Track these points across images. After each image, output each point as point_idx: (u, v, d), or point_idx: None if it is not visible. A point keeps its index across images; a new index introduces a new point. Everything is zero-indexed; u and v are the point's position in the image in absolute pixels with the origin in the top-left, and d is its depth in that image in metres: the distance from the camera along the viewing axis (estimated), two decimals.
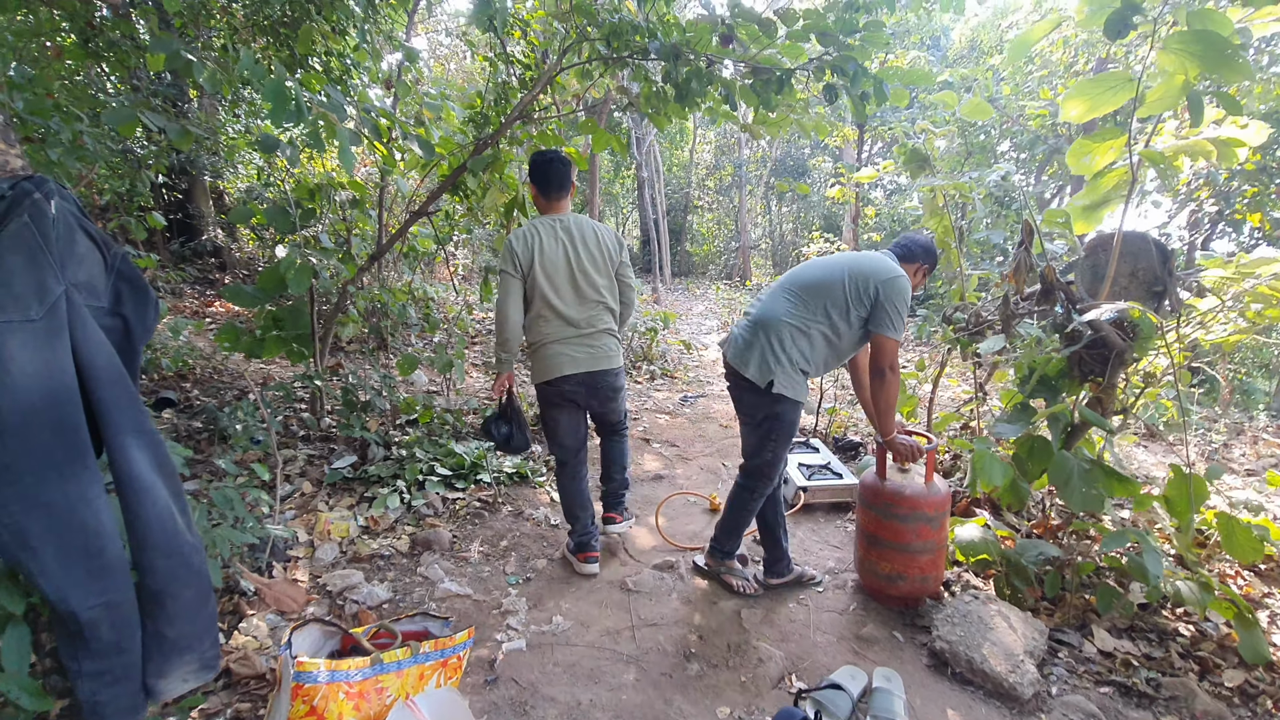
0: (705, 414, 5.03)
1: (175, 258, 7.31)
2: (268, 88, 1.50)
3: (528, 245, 2.46)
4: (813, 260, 2.43)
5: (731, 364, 2.36)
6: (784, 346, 2.24)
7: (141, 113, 3.08)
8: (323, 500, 3.11)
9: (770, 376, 2.23)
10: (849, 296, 2.23)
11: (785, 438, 2.35)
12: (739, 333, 2.38)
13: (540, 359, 2.53)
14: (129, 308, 1.45)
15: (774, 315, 2.28)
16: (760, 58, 3.23)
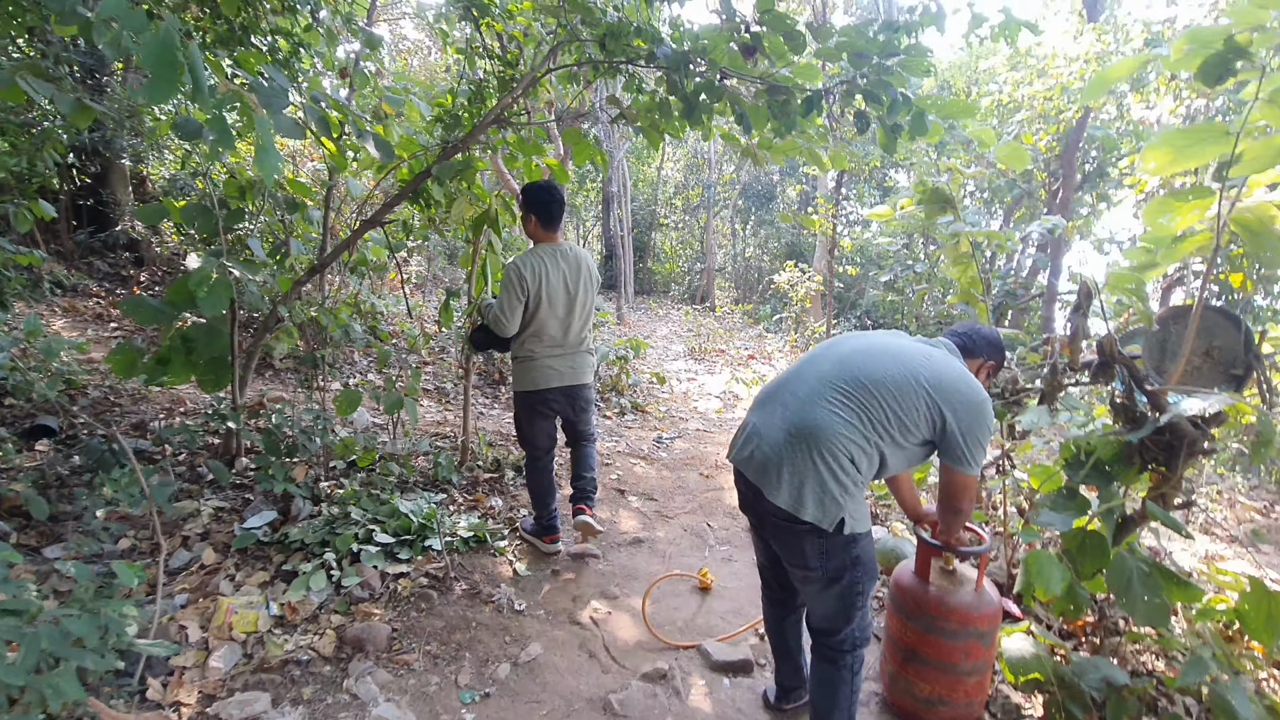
0: (683, 459, 4.57)
1: (81, 249, 6.41)
2: (146, 45, 0.97)
3: (535, 275, 2.70)
4: (862, 343, 1.81)
5: (765, 492, 1.65)
6: (845, 468, 1.61)
7: (23, 78, 2.45)
8: (227, 575, 2.49)
9: (840, 514, 1.59)
10: (927, 414, 1.65)
11: (872, 581, 1.75)
12: (767, 446, 1.68)
13: (527, 370, 2.80)
14: None
15: (825, 425, 1.61)
16: (780, 76, 2.84)
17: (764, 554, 1.98)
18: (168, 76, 1.01)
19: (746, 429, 1.79)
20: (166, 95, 1.03)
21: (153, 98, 1.03)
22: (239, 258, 3.03)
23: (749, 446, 1.74)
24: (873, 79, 2.60)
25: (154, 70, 1.01)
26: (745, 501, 1.83)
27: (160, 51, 0.99)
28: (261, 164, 1.20)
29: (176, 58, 1.01)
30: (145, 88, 1.02)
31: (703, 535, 3.46)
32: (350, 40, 4.30)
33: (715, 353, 9.41)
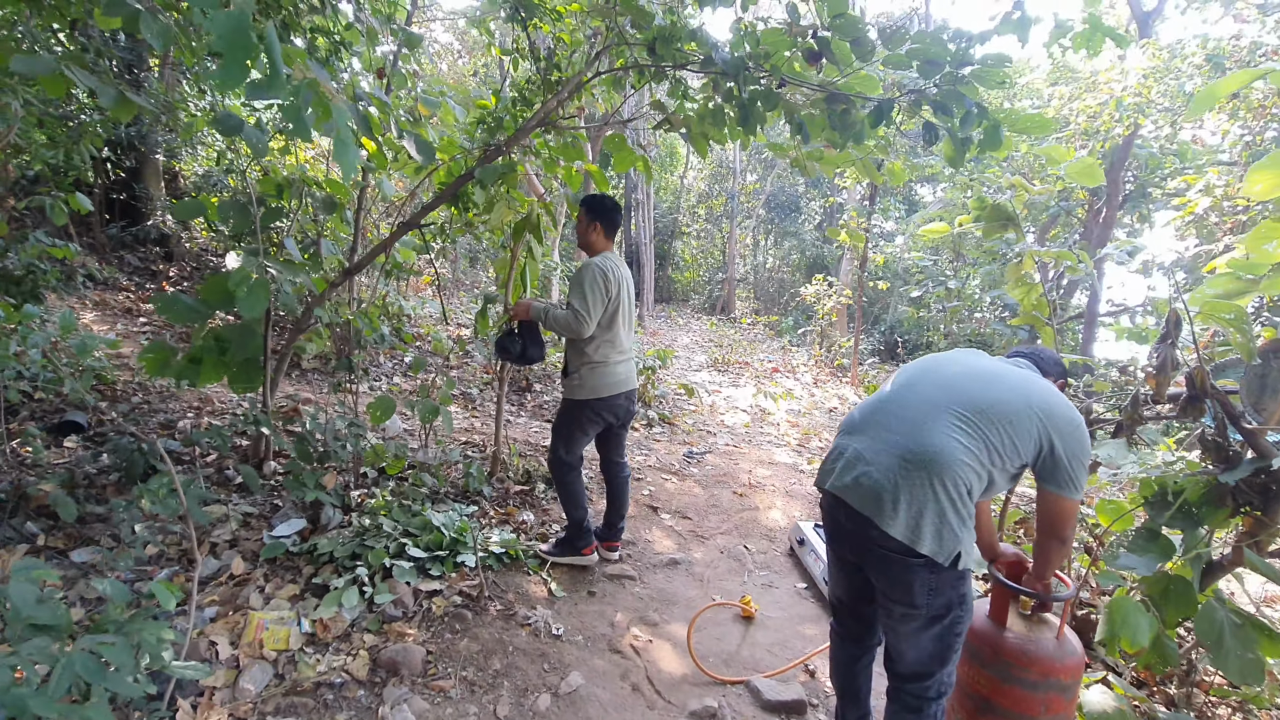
0: (715, 475, 4.44)
1: (113, 243, 6.42)
2: (219, 25, 0.87)
3: (615, 278, 2.69)
4: (965, 366, 1.71)
5: (878, 521, 1.53)
6: (964, 498, 1.51)
7: (67, 68, 2.40)
8: (256, 587, 2.39)
9: (958, 547, 1.49)
10: (1036, 440, 1.56)
11: (970, 622, 1.65)
12: (878, 473, 1.55)
13: (600, 376, 2.72)
14: None
15: (946, 452, 1.51)
16: (841, 85, 2.72)
17: (845, 588, 1.83)
18: (240, 60, 0.91)
19: (844, 453, 1.67)
20: (239, 79, 0.93)
21: (224, 82, 0.93)
22: (276, 258, 2.97)
23: (851, 472, 1.61)
24: (945, 89, 2.47)
25: (227, 52, 0.91)
26: (840, 531, 1.69)
27: (234, 31, 0.89)
28: (341, 159, 1.10)
29: (251, 39, 0.91)
30: (217, 72, 0.92)
31: (741, 559, 3.33)
32: (387, 40, 4.25)
33: (739, 364, 9.26)
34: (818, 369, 9.47)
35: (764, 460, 4.96)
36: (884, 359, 11.11)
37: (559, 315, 2.68)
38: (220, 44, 0.90)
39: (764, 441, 5.58)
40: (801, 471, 4.80)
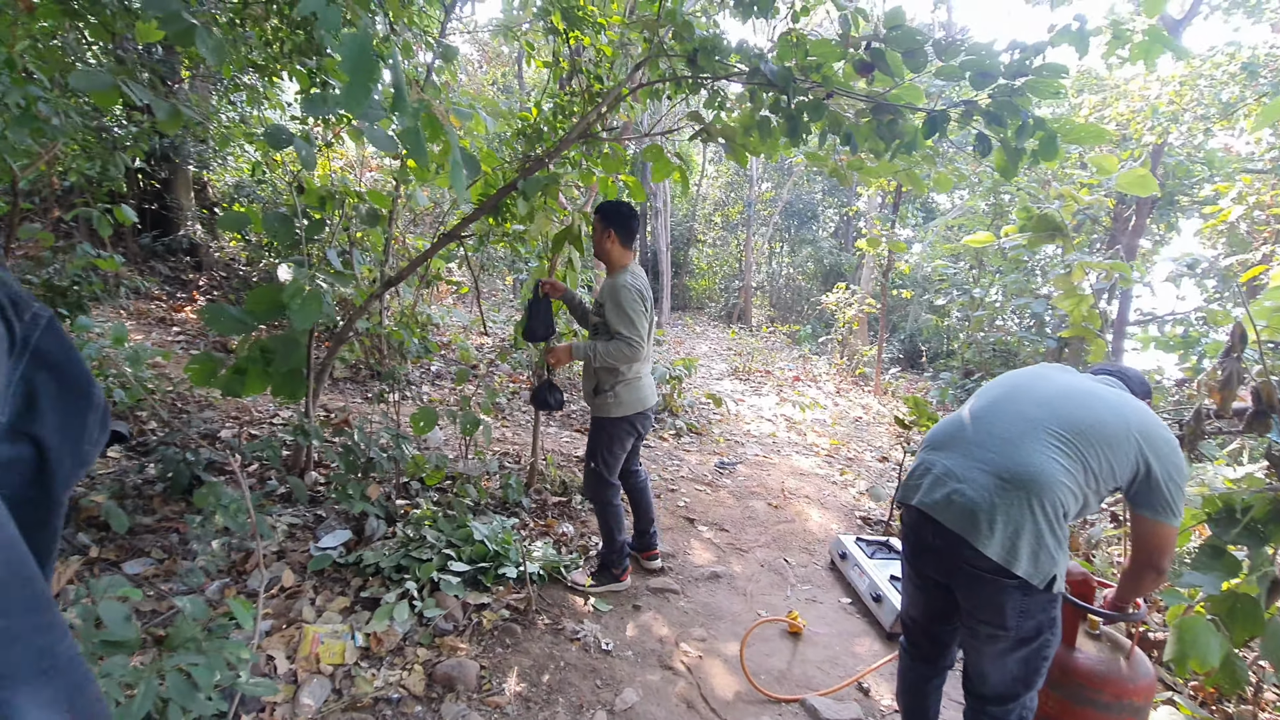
0: (748, 486, 4.41)
1: (146, 253, 6.50)
2: (346, 46, 0.87)
3: (645, 290, 2.66)
4: (1060, 385, 1.66)
5: (972, 541, 1.49)
6: (1061, 521, 1.48)
7: (124, 82, 2.43)
8: (307, 599, 2.39)
9: (1053, 569, 1.46)
10: (1134, 463, 1.52)
11: (1056, 648, 1.62)
12: (972, 491, 1.52)
13: (634, 390, 2.70)
14: (49, 421, 0.78)
15: (1045, 473, 1.48)
16: (889, 96, 2.71)
17: (921, 607, 1.80)
18: (365, 82, 0.91)
19: (933, 470, 1.64)
20: (363, 101, 0.93)
21: (349, 105, 0.92)
22: (323, 270, 2.99)
23: (941, 489, 1.58)
24: (999, 100, 2.45)
25: (352, 74, 0.90)
26: (925, 548, 1.65)
27: (359, 54, 0.89)
28: (455, 181, 1.09)
29: (374, 61, 0.91)
30: (342, 95, 0.92)
31: (782, 572, 3.29)
32: (421, 54, 4.29)
33: (760, 373, 9.22)
34: (839, 377, 9.40)
35: (795, 471, 4.92)
36: (905, 368, 11.02)
37: (608, 349, 2.56)
38: (346, 66, 0.90)
39: (792, 451, 5.54)
40: (834, 483, 4.76)
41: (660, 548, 3.25)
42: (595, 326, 2.74)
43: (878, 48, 2.46)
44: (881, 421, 7.19)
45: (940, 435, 1.74)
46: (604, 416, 2.71)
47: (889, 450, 5.91)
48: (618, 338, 2.56)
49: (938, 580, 1.66)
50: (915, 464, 1.74)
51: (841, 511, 4.19)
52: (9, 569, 0.69)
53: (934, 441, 1.73)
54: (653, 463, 4.61)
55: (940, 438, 1.73)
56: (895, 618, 2.78)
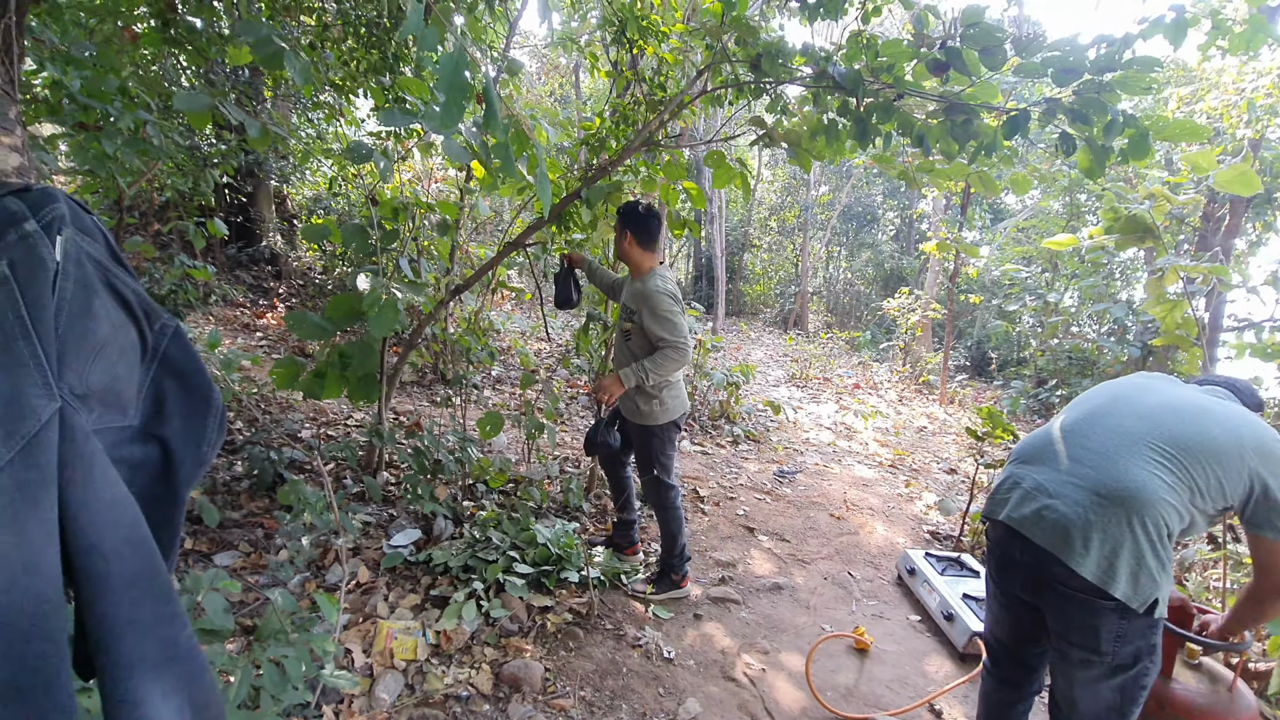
0: (808, 496, 4.31)
1: (231, 263, 6.93)
2: (442, 67, 0.91)
3: (676, 293, 2.58)
4: (1166, 397, 1.56)
5: (1066, 559, 1.42)
6: (1164, 541, 1.39)
7: (221, 104, 2.60)
8: (381, 595, 2.48)
9: (1155, 593, 1.38)
10: (1247, 482, 1.41)
11: (1154, 677, 1.51)
12: (1065, 507, 1.45)
13: (677, 394, 2.70)
14: (174, 424, 0.84)
15: (1147, 489, 1.39)
16: (963, 95, 2.62)
17: (1008, 628, 1.71)
18: (459, 99, 0.95)
19: (1023, 484, 1.57)
20: (457, 120, 0.97)
21: (444, 124, 0.96)
22: (396, 278, 3.12)
23: (1031, 504, 1.52)
24: (1085, 97, 2.33)
25: (447, 93, 0.94)
26: (1012, 566, 1.58)
27: (454, 73, 0.93)
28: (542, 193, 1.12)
29: (467, 80, 0.94)
30: (439, 114, 0.96)
31: (846, 586, 3.20)
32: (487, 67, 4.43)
33: (818, 380, 9.03)
34: (902, 385, 9.11)
35: (857, 481, 4.79)
36: (972, 375, 10.58)
37: (658, 364, 2.48)
38: (442, 85, 0.94)
39: (854, 461, 5.39)
40: (899, 494, 4.61)
41: (722, 557, 3.23)
42: (627, 333, 2.69)
43: (953, 46, 2.37)
44: (948, 432, 6.92)
45: (1030, 448, 1.66)
46: (653, 424, 2.68)
47: (958, 462, 5.68)
48: (662, 345, 2.49)
49: (1025, 599, 1.58)
50: (1002, 478, 1.67)
51: (907, 525, 4.05)
52: (143, 564, 0.75)
53: (1023, 455, 1.65)
54: (710, 469, 4.58)
55: (1030, 451, 1.65)
56: (968, 637, 2.66)
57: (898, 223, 16.28)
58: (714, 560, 3.25)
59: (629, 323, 2.67)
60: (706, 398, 6.10)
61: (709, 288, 15.00)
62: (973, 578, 3.12)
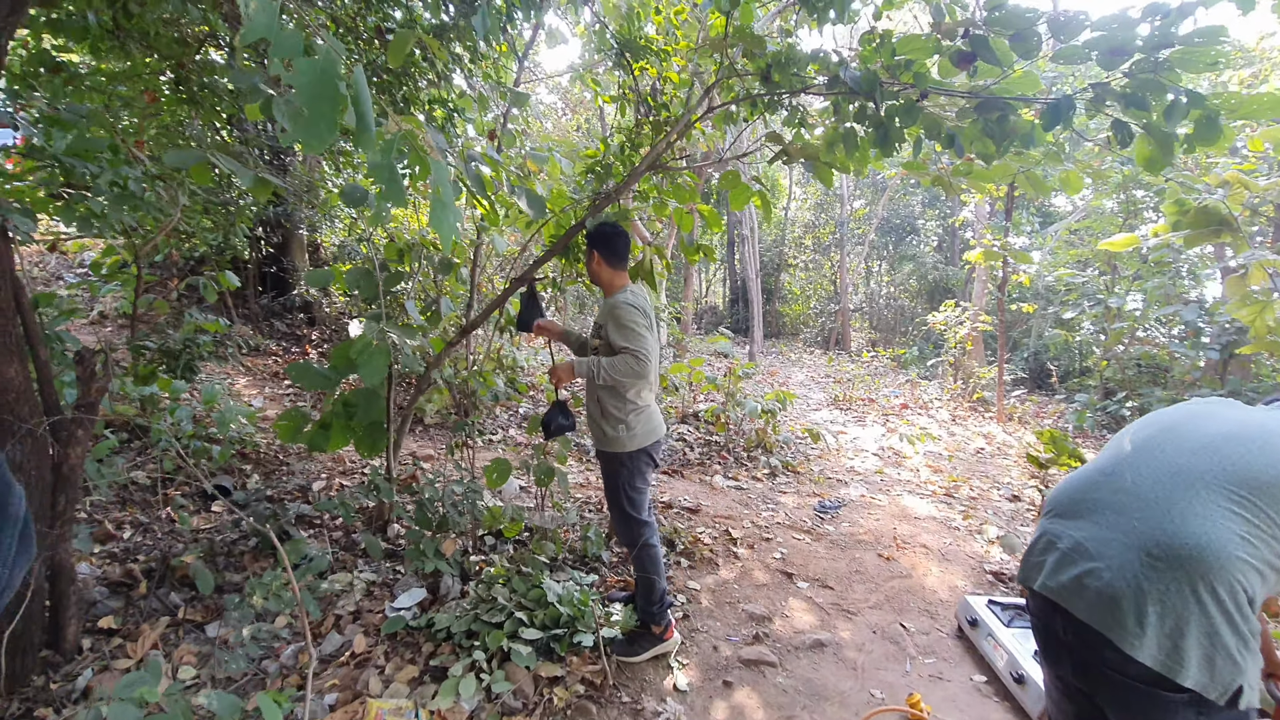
0: (853, 534, 3.96)
1: (265, 312, 7.06)
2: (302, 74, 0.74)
3: (646, 309, 2.45)
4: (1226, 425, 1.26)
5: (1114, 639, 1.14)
6: (1244, 610, 1.08)
7: (212, 156, 2.54)
8: (376, 667, 2.29)
9: (1237, 679, 1.07)
10: None
11: None
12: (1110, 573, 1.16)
13: (644, 420, 2.50)
14: None
15: (1213, 544, 1.10)
16: (995, 89, 2.35)
17: (1070, 717, 1.39)
18: (327, 113, 0.78)
19: (1059, 543, 1.28)
20: (325, 136, 0.80)
21: (309, 141, 0.79)
22: (397, 321, 3.00)
23: (1069, 570, 1.23)
24: (1139, 79, 2.03)
25: (311, 105, 0.77)
26: (1057, 646, 1.29)
27: (319, 82, 0.76)
28: (437, 222, 0.94)
29: (338, 90, 0.78)
30: (301, 127, 0.79)
31: (898, 641, 2.85)
32: (499, 105, 4.38)
33: (862, 401, 8.59)
34: (954, 404, 8.57)
35: (907, 514, 4.40)
36: (1031, 389, 9.92)
37: (613, 364, 2.34)
38: (303, 96, 0.77)
39: (903, 491, 4.99)
40: (955, 529, 4.19)
41: (756, 609, 2.93)
42: (595, 349, 2.53)
43: (978, 34, 2.12)
44: (1008, 453, 6.40)
45: (1066, 497, 1.36)
46: (617, 451, 2.47)
47: (1021, 488, 5.20)
48: (622, 353, 2.34)
49: (1079, 687, 1.26)
50: (1036, 534, 1.38)
51: (967, 565, 3.64)
52: None
53: (1059, 505, 1.36)
54: (744, 507, 4.28)
55: (1066, 500, 1.36)
56: (1044, 707, 2.28)
57: (939, 232, 15.70)
58: (747, 614, 2.94)
59: (596, 339, 2.53)
60: (741, 427, 5.81)
61: (745, 310, 14.71)
62: None
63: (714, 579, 3.23)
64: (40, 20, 3.04)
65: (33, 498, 1.93)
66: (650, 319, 2.45)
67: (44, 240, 3.86)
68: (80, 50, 3.44)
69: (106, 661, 2.13)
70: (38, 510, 1.95)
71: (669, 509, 4.01)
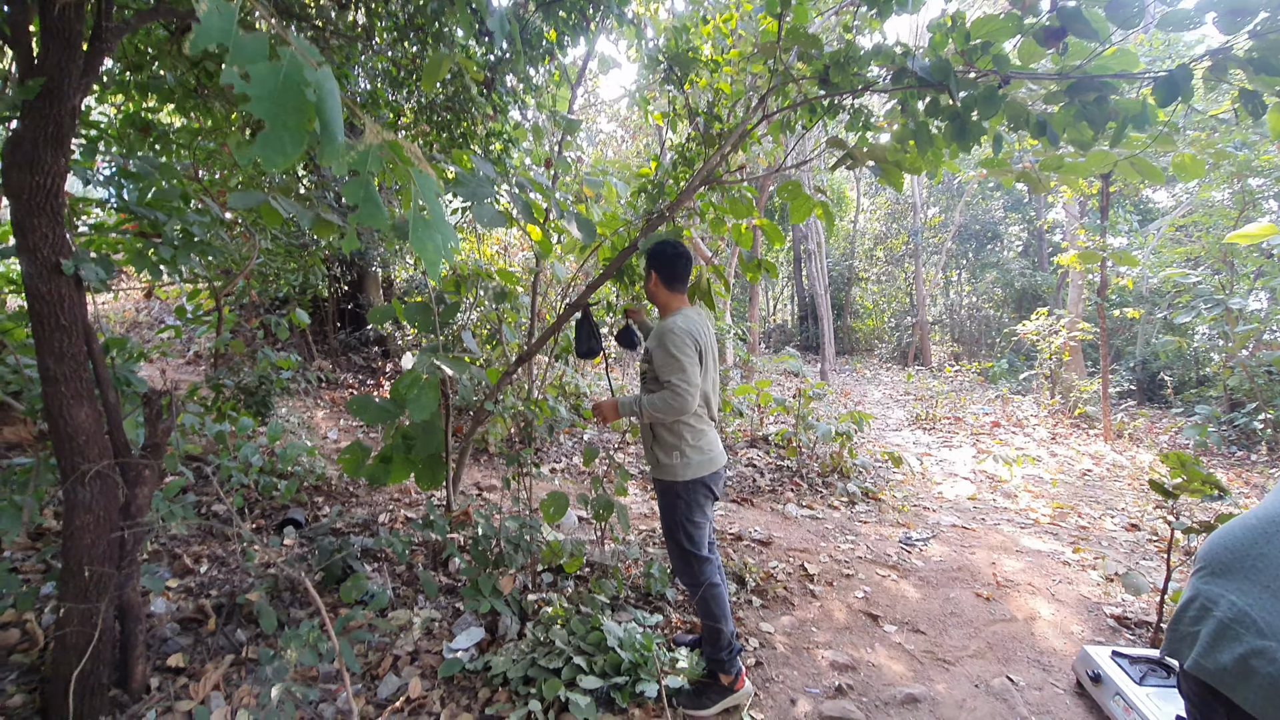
0: (945, 570, 3.59)
1: (343, 347, 7.37)
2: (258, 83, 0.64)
3: (698, 335, 2.30)
4: None
5: None
6: None
7: (274, 199, 2.60)
8: (430, 714, 2.19)
9: None
10: None
11: None
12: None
13: (706, 449, 2.35)
14: None
15: None
16: (1088, 69, 2.08)
17: None
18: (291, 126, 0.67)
19: (1214, 611, 1.03)
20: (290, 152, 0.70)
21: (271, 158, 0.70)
22: (453, 353, 2.98)
23: (1232, 646, 0.98)
24: (1270, 40, 1.73)
25: (271, 116, 0.68)
26: None
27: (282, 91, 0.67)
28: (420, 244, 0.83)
29: (304, 99, 0.68)
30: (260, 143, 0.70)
31: (1006, 698, 2.50)
32: (554, 134, 4.40)
33: (948, 420, 8.01)
34: (1053, 420, 7.85)
35: (1007, 547, 3.97)
36: (1141, 402, 8.99)
37: (653, 401, 2.22)
38: (260, 105, 0.68)
39: (1001, 520, 4.53)
40: (1065, 563, 3.74)
41: (838, 657, 2.65)
42: (643, 374, 2.39)
43: (1067, 6, 1.87)
44: (1120, 475, 5.75)
45: (1224, 550, 1.09)
46: (673, 480, 2.31)
47: (1140, 517, 4.62)
48: (666, 386, 2.20)
49: None
50: (1186, 596, 1.10)
51: (1082, 606, 3.21)
52: None
53: (1214, 561, 1.08)
54: (821, 539, 3.98)
55: (1223, 555, 1.09)
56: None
57: (1025, 236, 14.72)
58: (828, 662, 2.67)
59: (646, 364, 2.37)
60: (814, 451, 5.49)
61: (815, 327, 14.23)
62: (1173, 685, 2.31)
63: (789, 620, 2.98)
64: (130, 83, 3.27)
65: (99, 538, 1.97)
66: (704, 343, 2.31)
67: (144, 287, 4.14)
68: (167, 111, 3.69)
69: (171, 702, 2.13)
70: (105, 550, 1.98)
71: (738, 541, 3.78)
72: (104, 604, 1.95)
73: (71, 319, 1.93)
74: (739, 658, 2.38)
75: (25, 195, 1.82)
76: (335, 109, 0.73)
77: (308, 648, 1.63)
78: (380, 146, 0.78)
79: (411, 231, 0.81)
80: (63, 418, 1.91)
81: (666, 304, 2.43)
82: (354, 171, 0.81)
